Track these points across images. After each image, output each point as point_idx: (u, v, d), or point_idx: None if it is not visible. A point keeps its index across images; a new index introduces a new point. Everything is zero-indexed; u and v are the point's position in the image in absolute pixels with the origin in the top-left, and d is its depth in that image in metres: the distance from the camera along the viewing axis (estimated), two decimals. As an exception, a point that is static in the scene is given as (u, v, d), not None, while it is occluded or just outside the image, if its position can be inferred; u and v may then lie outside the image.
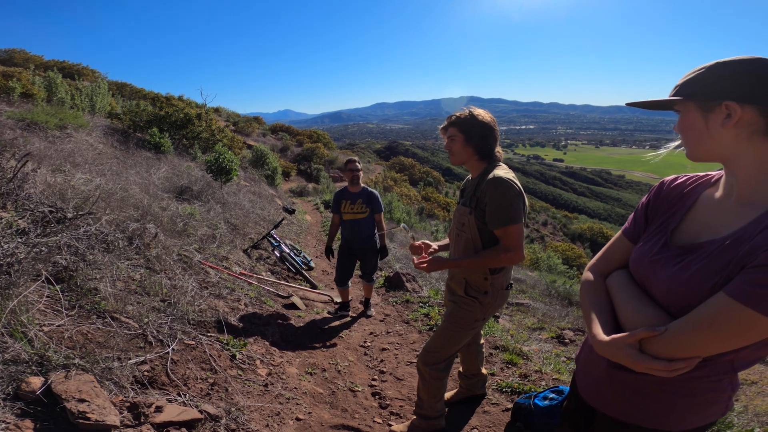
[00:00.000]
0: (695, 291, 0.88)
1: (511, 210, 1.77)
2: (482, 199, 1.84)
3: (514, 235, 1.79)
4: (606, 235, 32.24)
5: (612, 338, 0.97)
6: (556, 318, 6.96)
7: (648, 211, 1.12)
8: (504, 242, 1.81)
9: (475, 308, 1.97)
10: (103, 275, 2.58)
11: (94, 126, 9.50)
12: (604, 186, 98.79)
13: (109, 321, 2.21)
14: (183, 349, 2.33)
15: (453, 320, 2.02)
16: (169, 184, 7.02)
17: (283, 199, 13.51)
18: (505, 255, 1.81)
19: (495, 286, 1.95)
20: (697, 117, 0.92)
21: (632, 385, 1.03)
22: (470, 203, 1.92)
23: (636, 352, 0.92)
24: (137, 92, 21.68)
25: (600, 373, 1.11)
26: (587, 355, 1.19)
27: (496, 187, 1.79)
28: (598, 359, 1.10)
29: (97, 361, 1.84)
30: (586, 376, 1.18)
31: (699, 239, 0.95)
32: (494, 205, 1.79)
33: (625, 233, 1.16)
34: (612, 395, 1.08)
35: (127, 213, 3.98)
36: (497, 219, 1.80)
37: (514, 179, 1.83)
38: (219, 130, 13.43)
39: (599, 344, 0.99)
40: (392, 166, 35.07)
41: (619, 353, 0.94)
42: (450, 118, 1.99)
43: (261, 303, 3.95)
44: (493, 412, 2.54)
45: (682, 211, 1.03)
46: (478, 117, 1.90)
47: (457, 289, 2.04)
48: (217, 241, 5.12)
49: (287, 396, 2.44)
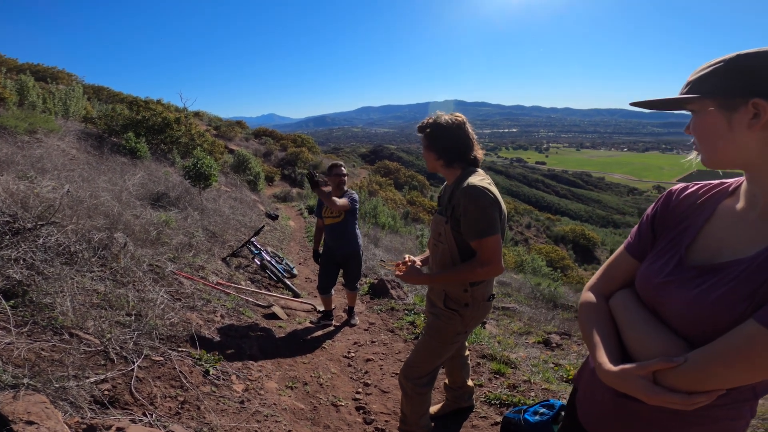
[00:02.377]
0: (721, 318, 0.78)
1: (486, 221, 1.67)
2: (457, 208, 1.74)
3: (491, 247, 1.68)
4: (588, 236, 32.70)
5: (621, 369, 0.85)
6: (542, 321, 6.93)
7: (655, 225, 1.00)
8: (480, 255, 1.71)
9: (455, 321, 1.86)
10: (61, 289, 2.40)
11: (67, 130, 9.15)
12: (584, 188, 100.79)
13: (66, 337, 2.03)
14: (150, 365, 2.16)
15: (433, 334, 1.91)
16: (145, 191, 6.77)
17: (266, 205, 13.26)
18: (482, 269, 1.70)
19: (476, 298, 1.84)
20: (717, 117, 0.81)
21: (642, 416, 0.91)
22: (446, 212, 1.82)
23: (650, 385, 0.81)
24: (115, 96, 21.13)
25: (605, 401, 0.99)
26: (589, 381, 1.06)
27: (469, 196, 1.68)
28: (601, 386, 0.98)
29: (50, 381, 1.67)
30: (589, 404, 1.06)
31: (720, 258, 0.84)
32: (469, 216, 1.69)
33: (628, 249, 1.04)
34: (618, 426, 0.97)
35: (95, 222, 3.77)
36: (474, 231, 1.69)
37: (489, 186, 1.72)
38: (199, 134, 13.13)
39: (606, 374, 0.88)
40: (377, 170, 34.97)
41: (629, 385, 0.83)
42: (419, 125, 1.90)
43: (239, 314, 3.78)
44: (482, 426, 2.44)
45: (697, 225, 0.91)
46: (439, 120, 1.81)
47: (437, 301, 1.93)
48: (193, 250, 4.91)
49: (265, 413, 2.29)
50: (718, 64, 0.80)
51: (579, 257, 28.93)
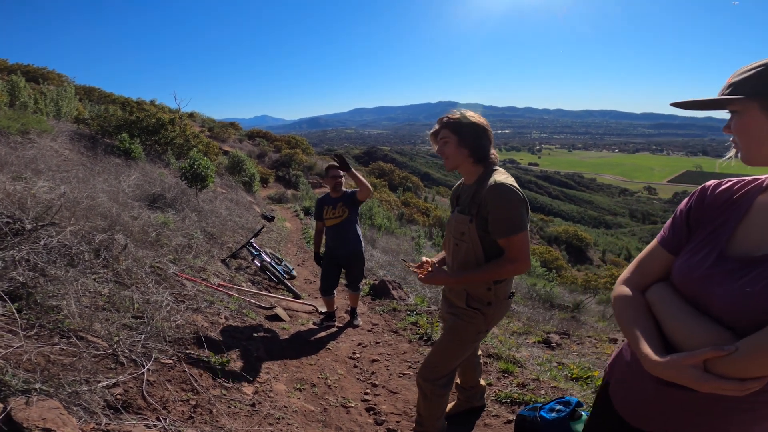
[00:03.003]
0: (765, 308, 0.80)
1: (516, 218, 1.68)
2: (483, 206, 1.74)
3: (520, 244, 1.69)
4: (581, 237, 32.96)
5: (671, 359, 0.87)
6: (540, 322, 6.96)
7: (690, 220, 1.03)
8: (509, 252, 1.72)
9: (478, 320, 1.86)
10: (66, 291, 2.35)
11: (60, 131, 9.01)
12: (577, 189, 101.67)
13: (75, 341, 1.98)
14: (159, 368, 2.12)
15: (455, 333, 1.90)
16: (141, 192, 6.68)
17: (261, 206, 13.17)
18: (511, 266, 1.71)
19: (498, 296, 1.85)
20: (759, 117, 0.85)
21: (687, 404, 0.94)
22: (470, 211, 1.81)
23: (701, 373, 0.83)
24: (106, 97, 20.86)
25: (646, 391, 1.01)
26: (624, 372, 1.10)
27: (499, 194, 1.69)
28: (641, 377, 1.01)
29: (62, 385, 1.63)
30: (627, 394, 1.08)
31: (761, 251, 0.87)
32: (498, 213, 1.70)
33: (663, 244, 1.06)
34: (662, 414, 0.99)
35: (93, 223, 3.71)
36: (502, 228, 1.70)
37: (515, 185, 1.74)
38: (194, 135, 13.02)
39: (654, 364, 0.90)
40: (372, 171, 34.93)
41: (680, 374, 0.86)
42: (441, 120, 1.88)
43: (242, 316, 3.73)
44: (495, 424, 2.43)
45: (735, 219, 0.94)
46: (471, 117, 1.81)
47: (457, 300, 1.92)
48: (193, 252, 4.85)
49: (277, 416, 2.26)
50: (761, 68, 0.84)
51: (572, 258, 29.17)
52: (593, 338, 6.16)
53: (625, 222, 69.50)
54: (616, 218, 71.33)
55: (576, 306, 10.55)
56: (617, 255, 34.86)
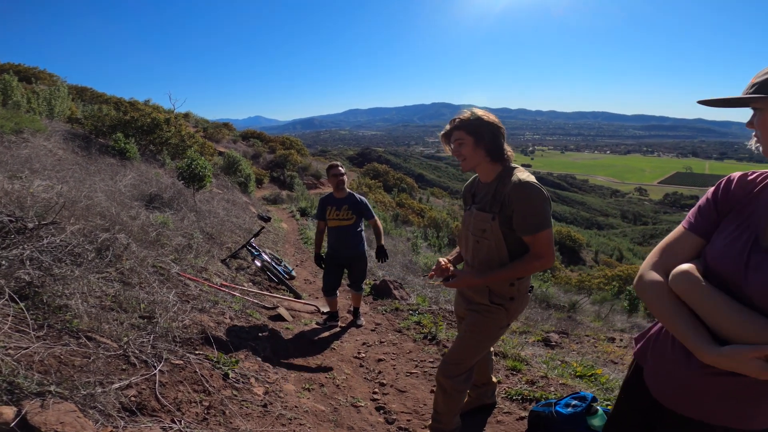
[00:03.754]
0: None
1: (542, 215, 1.70)
2: (507, 204, 1.74)
3: (545, 240, 1.71)
4: (574, 237, 33.22)
5: (733, 351, 0.90)
6: (539, 321, 7.00)
7: (718, 206, 1.07)
8: (535, 249, 1.73)
9: (500, 315, 1.87)
10: (72, 291, 2.30)
11: (53, 131, 8.88)
12: (569, 190, 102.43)
13: (84, 341, 1.94)
14: (171, 369, 2.08)
15: (477, 329, 1.90)
16: (137, 192, 6.61)
17: (257, 207, 13.08)
18: (538, 262, 1.73)
19: (521, 291, 1.86)
20: None
21: (731, 389, 0.99)
22: (492, 208, 1.81)
23: (764, 363, 0.87)
24: (98, 96, 20.60)
25: (684, 377, 1.06)
26: (660, 358, 1.14)
27: (525, 192, 1.70)
28: (677, 363, 1.06)
29: (77, 387, 1.59)
30: (665, 378, 1.12)
31: None
32: (524, 211, 1.70)
33: (692, 229, 1.10)
34: (701, 399, 1.04)
35: (93, 222, 3.65)
36: (528, 225, 1.71)
37: (538, 183, 1.74)
38: (189, 135, 12.90)
39: (713, 355, 0.92)
40: (366, 172, 34.89)
41: (742, 365, 0.88)
42: (453, 122, 1.86)
43: (247, 316, 3.70)
44: (507, 421, 2.42)
45: (765, 209, 0.98)
46: (484, 117, 1.80)
47: (478, 297, 1.92)
48: (194, 252, 4.80)
49: (289, 416, 2.23)
50: None
51: (566, 258, 29.37)
52: (591, 337, 6.20)
53: (616, 223, 70.22)
54: (607, 219, 71.99)
55: (572, 306, 10.62)
56: (609, 255, 35.19)
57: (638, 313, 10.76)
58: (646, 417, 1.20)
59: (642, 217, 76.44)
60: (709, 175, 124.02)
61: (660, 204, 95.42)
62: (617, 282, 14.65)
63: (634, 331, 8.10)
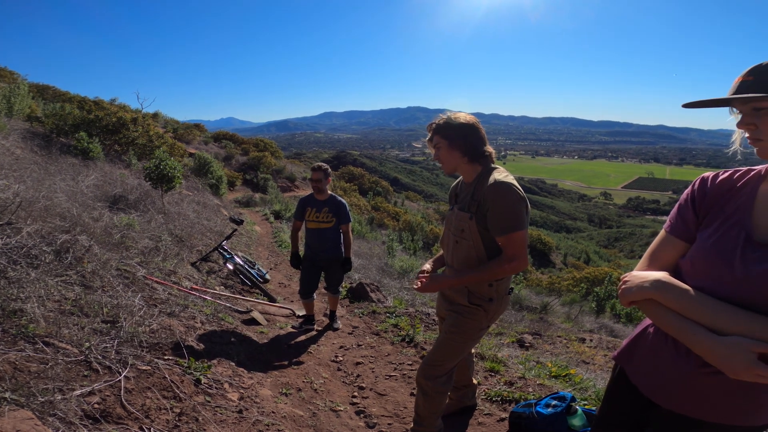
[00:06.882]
0: None
1: (514, 216, 1.68)
2: (483, 204, 1.74)
3: (518, 242, 1.69)
4: (544, 241, 34.09)
5: (738, 340, 0.89)
6: (512, 323, 7.11)
7: (696, 207, 1.08)
8: (507, 251, 1.71)
9: (479, 316, 1.85)
10: (28, 294, 2.14)
11: (11, 129, 8.39)
12: (540, 194, 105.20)
13: (42, 347, 1.80)
14: (137, 375, 1.96)
15: (457, 330, 1.88)
16: (101, 193, 6.30)
17: (228, 210, 12.74)
18: (509, 264, 1.70)
19: (499, 292, 1.85)
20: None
21: (727, 387, 0.98)
22: (469, 208, 1.80)
23: (755, 360, 0.87)
24: (61, 95, 19.60)
25: (677, 374, 1.05)
26: (651, 356, 1.13)
27: (498, 192, 1.70)
28: (675, 361, 1.05)
29: (34, 394, 1.46)
30: (655, 376, 1.11)
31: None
32: (496, 211, 1.70)
33: (674, 233, 1.11)
34: (694, 396, 1.03)
35: (53, 223, 3.44)
36: (500, 226, 1.70)
37: (515, 183, 1.74)
38: (158, 135, 12.45)
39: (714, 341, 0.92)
40: (342, 175, 34.73)
41: (735, 356, 0.88)
42: (430, 126, 1.89)
43: (219, 320, 3.56)
44: (488, 423, 2.41)
45: (746, 206, 0.99)
46: (456, 118, 1.82)
47: (458, 298, 1.91)
48: (161, 254, 4.60)
49: (266, 422, 2.14)
50: None
51: (536, 261, 30.07)
52: (563, 338, 6.34)
53: (584, 226, 72.61)
54: (575, 223, 74.34)
55: (543, 307, 10.86)
56: (577, 258, 36.30)
57: (605, 315, 11.12)
58: (634, 416, 1.20)
59: (607, 220, 79.37)
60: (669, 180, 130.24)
61: (624, 208, 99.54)
62: (585, 284, 15.10)
63: (603, 331, 8.36)
